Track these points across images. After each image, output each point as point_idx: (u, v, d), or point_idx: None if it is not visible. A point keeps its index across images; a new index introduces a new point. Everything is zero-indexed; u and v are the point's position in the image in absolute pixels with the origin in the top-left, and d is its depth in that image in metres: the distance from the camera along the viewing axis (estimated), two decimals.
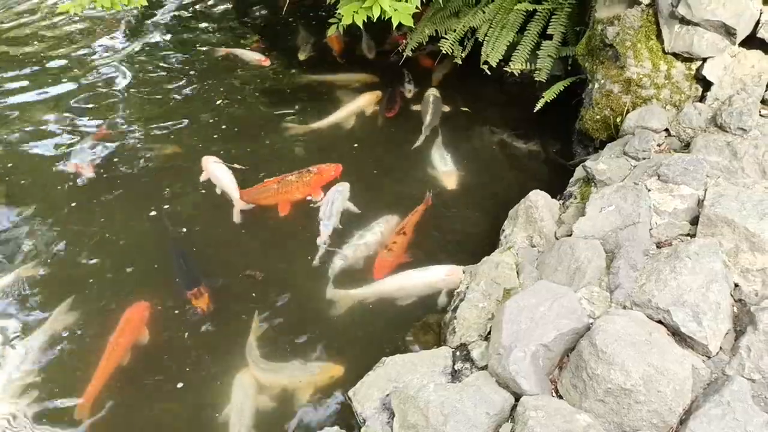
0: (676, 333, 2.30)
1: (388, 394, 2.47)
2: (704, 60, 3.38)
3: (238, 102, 5.12)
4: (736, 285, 2.48)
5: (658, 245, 2.66)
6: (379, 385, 2.55)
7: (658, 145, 3.37)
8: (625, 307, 2.44)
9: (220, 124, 4.83)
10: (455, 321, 2.83)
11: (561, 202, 3.40)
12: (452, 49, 4.64)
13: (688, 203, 2.79)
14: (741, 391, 2.05)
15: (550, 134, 4.47)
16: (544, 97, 4.09)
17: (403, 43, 5.05)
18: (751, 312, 2.30)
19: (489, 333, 2.67)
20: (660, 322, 2.34)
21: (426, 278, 3.39)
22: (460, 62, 4.72)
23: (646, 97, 3.58)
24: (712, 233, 2.57)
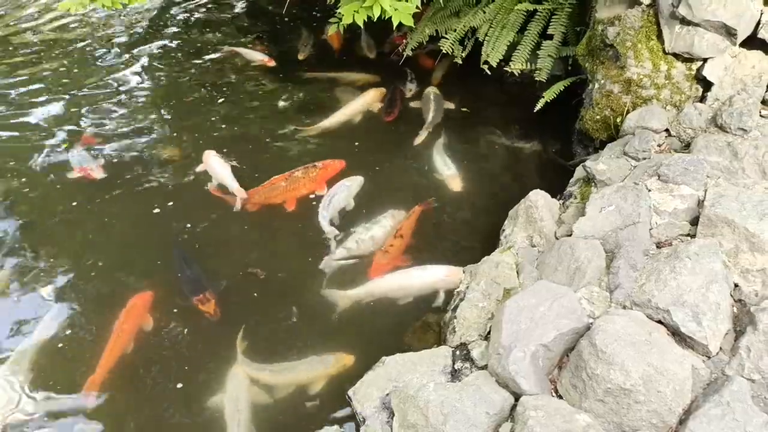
0: (675, 333, 2.30)
1: (387, 394, 2.47)
2: (705, 60, 3.38)
3: (239, 101, 5.12)
4: (736, 285, 2.48)
5: (658, 245, 2.66)
6: (379, 384, 2.55)
7: (659, 146, 3.37)
8: (624, 307, 2.44)
9: (221, 123, 4.83)
10: (455, 320, 2.83)
11: (561, 202, 3.40)
12: (452, 48, 4.64)
13: (688, 203, 2.79)
14: (741, 391, 2.05)
15: (550, 134, 4.47)
16: (544, 97, 4.09)
17: (404, 42, 5.06)
18: (750, 312, 2.30)
19: (489, 333, 2.67)
20: (660, 322, 2.34)
21: (425, 278, 3.40)
22: (461, 62, 4.72)
23: (646, 98, 3.58)
24: (712, 233, 2.57)
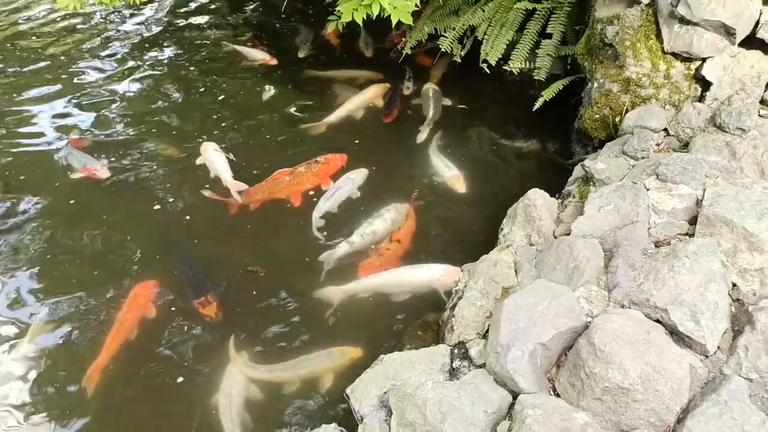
0: (674, 332, 2.31)
1: (386, 392, 2.47)
2: (703, 60, 3.37)
3: (239, 99, 5.12)
4: (734, 285, 2.48)
5: (657, 244, 2.67)
6: (377, 382, 2.55)
7: (657, 145, 3.38)
8: (623, 306, 2.44)
9: (222, 121, 4.83)
10: (453, 319, 2.82)
11: (559, 201, 3.40)
12: (451, 47, 4.63)
13: (687, 203, 2.79)
14: (738, 390, 2.05)
15: (549, 133, 4.47)
16: (543, 96, 4.08)
17: (403, 41, 5.05)
18: (748, 312, 2.30)
19: (487, 331, 2.67)
20: (658, 321, 2.34)
21: (420, 276, 3.40)
22: (460, 60, 4.72)
23: (645, 97, 3.58)
24: (711, 233, 2.57)
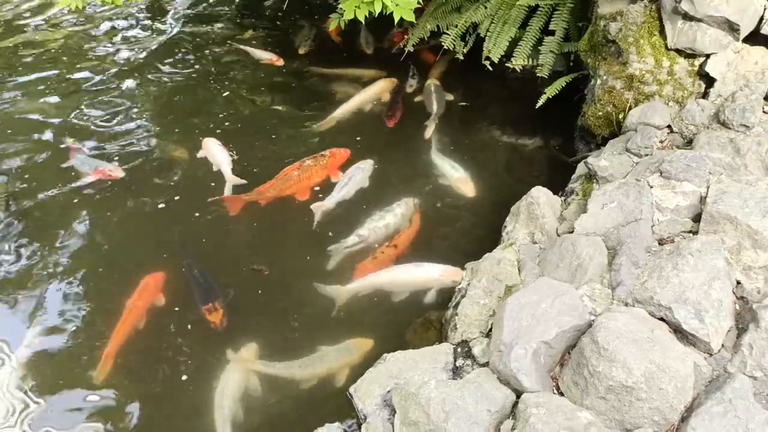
0: (677, 330, 2.30)
1: (389, 391, 2.47)
2: (707, 56, 3.36)
3: (243, 97, 5.11)
4: (738, 282, 2.47)
5: (660, 242, 2.66)
6: (380, 381, 2.55)
7: (661, 142, 3.36)
8: (626, 304, 2.44)
9: (225, 120, 4.82)
10: (456, 317, 2.82)
11: (563, 198, 3.39)
12: (454, 44, 4.62)
13: (691, 200, 2.78)
14: (743, 388, 2.04)
15: (552, 130, 4.45)
16: (546, 93, 4.07)
17: (404, 39, 5.05)
18: (753, 309, 2.30)
19: (490, 330, 2.67)
20: (662, 319, 2.34)
21: (418, 276, 3.40)
22: (462, 58, 4.71)
23: (648, 94, 3.56)
24: (715, 230, 2.56)
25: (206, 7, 6.61)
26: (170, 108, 5.05)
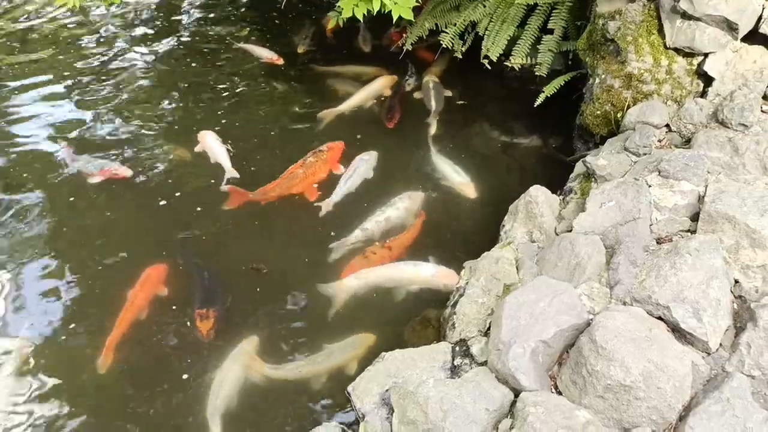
0: (676, 329, 2.30)
1: (387, 390, 2.47)
2: (706, 55, 3.36)
3: (243, 97, 5.10)
4: (736, 281, 2.47)
5: (659, 241, 2.66)
6: (379, 380, 2.55)
7: (659, 141, 3.36)
8: (625, 303, 2.44)
9: (225, 119, 4.82)
10: (455, 316, 2.82)
11: (561, 197, 3.39)
12: (452, 43, 4.61)
13: (689, 199, 2.78)
14: (741, 387, 2.04)
15: (551, 129, 4.45)
16: (544, 92, 4.07)
17: (403, 37, 5.04)
18: (751, 308, 2.30)
19: (489, 329, 2.66)
20: (660, 318, 2.34)
21: (411, 275, 3.42)
22: (461, 56, 4.70)
23: (647, 93, 3.56)
24: (713, 229, 2.56)
25: (206, 7, 6.60)
26: (170, 106, 5.05)
